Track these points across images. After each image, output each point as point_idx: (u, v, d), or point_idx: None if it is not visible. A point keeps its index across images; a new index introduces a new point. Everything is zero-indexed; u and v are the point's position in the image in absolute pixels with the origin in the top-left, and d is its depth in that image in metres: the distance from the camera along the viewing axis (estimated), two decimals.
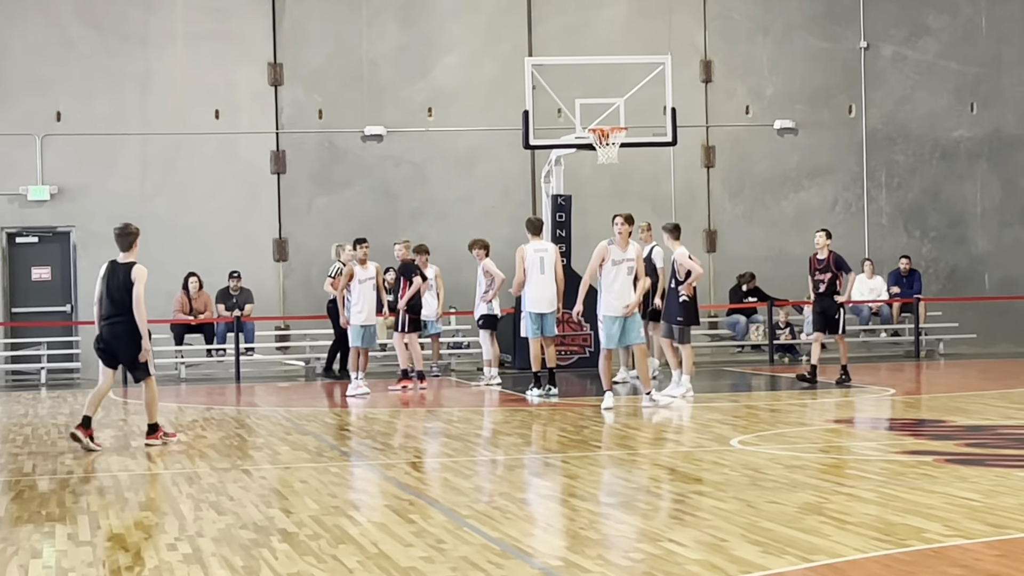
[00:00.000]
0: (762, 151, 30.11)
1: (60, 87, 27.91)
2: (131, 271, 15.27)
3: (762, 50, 30.11)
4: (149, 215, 28.03)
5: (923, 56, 30.61)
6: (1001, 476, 11.48)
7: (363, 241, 21.99)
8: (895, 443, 14.54)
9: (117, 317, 15.34)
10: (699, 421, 17.14)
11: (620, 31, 29.39)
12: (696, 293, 20.09)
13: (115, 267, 15.43)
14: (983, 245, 30.84)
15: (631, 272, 18.29)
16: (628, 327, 18.24)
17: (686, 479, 11.97)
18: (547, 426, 16.87)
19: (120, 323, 15.32)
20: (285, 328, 28.61)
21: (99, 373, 15.71)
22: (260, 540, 9.51)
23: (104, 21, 28.10)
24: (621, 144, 24.47)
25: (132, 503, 11.28)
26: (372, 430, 17.08)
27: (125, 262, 15.41)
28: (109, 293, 15.36)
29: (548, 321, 20.12)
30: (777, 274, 29.00)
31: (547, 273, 20.07)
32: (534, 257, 20.13)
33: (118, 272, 15.36)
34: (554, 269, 20.07)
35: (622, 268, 18.18)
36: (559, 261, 20.37)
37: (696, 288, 20.08)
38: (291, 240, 28.60)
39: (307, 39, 28.75)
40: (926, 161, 30.67)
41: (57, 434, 17.06)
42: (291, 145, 28.72)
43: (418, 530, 9.72)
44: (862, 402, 19.53)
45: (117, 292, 15.31)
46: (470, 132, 28.98)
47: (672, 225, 20.50)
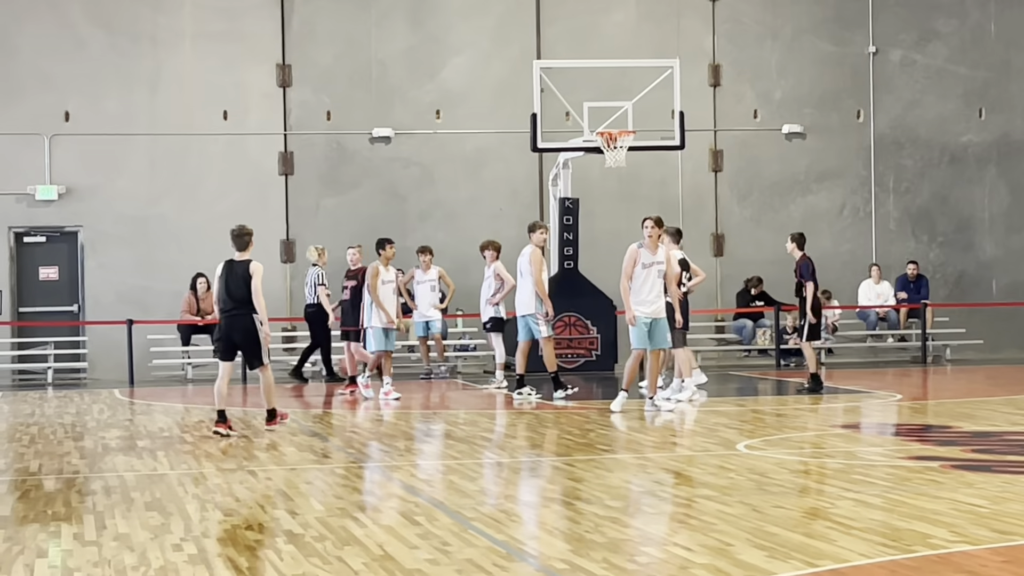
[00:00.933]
0: (770, 155, 30.11)
1: (69, 87, 27.95)
2: (249, 267, 16.51)
3: (771, 54, 30.11)
4: (157, 215, 28.12)
5: (932, 61, 30.59)
6: (1007, 482, 11.47)
7: (390, 242, 21.57)
8: (901, 448, 14.53)
9: (236, 310, 16.55)
10: (705, 425, 17.13)
11: (629, 34, 29.39)
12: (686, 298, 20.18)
13: (232, 265, 16.67)
14: (991, 251, 30.82)
15: (661, 275, 18.20)
16: (654, 330, 18.16)
17: (692, 483, 11.96)
18: (553, 429, 16.86)
19: (239, 315, 16.52)
20: (291, 329, 28.61)
21: (218, 368, 16.78)
22: (266, 541, 9.52)
23: (113, 21, 28.13)
24: (629, 148, 24.50)
25: (138, 503, 11.28)
26: (378, 432, 17.08)
27: (241, 259, 16.63)
28: (228, 289, 16.57)
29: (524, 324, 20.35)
30: (784, 278, 28.85)
31: (524, 276, 20.35)
32: (519, 261, 20.60)
33: (236, 269, 16.59)
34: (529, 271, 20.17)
35: (652, 271, 18.06)
36: (536, 263, 20.23)
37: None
38: (299, 241, 28.61)
39: (316, 40, 28.77)
40: (934, 166, 30.64)
41: (63, 434, 17.07)
42: (299, 146, 28.74)
43: (424, 532, 9.72)
44: (868, 407, 19.52)
45: (236, 287, 16.53)
46: (478, 134, 29.00)
47: (675, 229, 20.54)
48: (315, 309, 25.04)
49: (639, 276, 18.05)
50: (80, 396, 23.46)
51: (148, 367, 27.00)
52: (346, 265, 23.00)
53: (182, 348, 27.42)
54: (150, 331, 27.33)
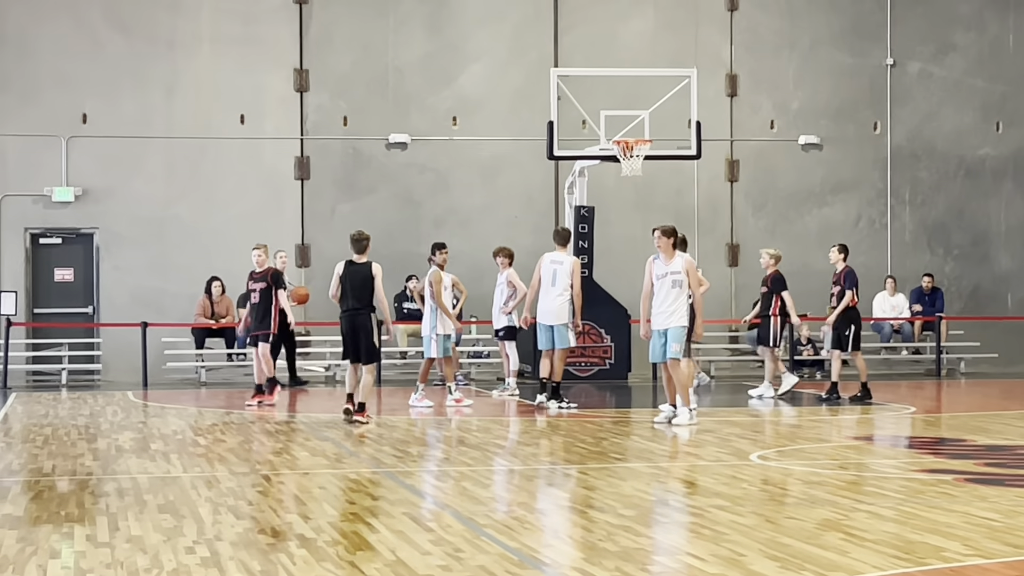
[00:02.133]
0: (786, 166, 30.09)
1: (86, 89, 28.01)
2: (371, 268, 18.07)
3: (788, 65, 30.10)
4: (173, 218, 28.17)
5: (949, 73, 30.57)
6: (1021, 496, 11.44)
7: (443, 246, 21.51)
8: (915, 461, 14.50)
9: (358, 310, 18.14)
10: (719, 435, 17.10)
11: (646, 43, 29.40)
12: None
13: (352, 266, 18.22)
14: (1006, 264, 30.77)
15: (676, 285, 17.73)
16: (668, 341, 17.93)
17: (705, 493, 11.94)
18: (566, 437, 16.85)
19: (361, 314, 18.14)
20: (306, 334, 28.63)
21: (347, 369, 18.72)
22: (278, 545, 9.52)
23: (131, 24, 28.20)
24: (645, 156, 24.50)
25: (151, 505, 11.29)
26: (391, 438, 17.08)
27: (361, 262, 18.18)
28: (350, 289, 18.15)
29: (554, 333, 20.04)
30: (799, 290, 28.81)
31: (557, 285, 19.96)
32: (548, 268, 20.06)
33: (357, 271, 18.15)
34: (568, 283, 19.95)
35: (665, 282, 17.64)
36: (578, 274, 20.17)
37: None
38: (314, 246, 28.65)
39: (333, 45, 28.81)
40: (951, 179, 30.61)
41: (77, 435, 17.09)
42: (315, 151, 28.78)
43: (436, 538, 9.72)
44: (882, 419, 19.48)
45: (357, 288, 18.12)
46: (494, 141, 29.01)
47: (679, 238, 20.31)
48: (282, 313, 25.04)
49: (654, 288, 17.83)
50: (94, 398, 23.48)
51: (162, 369, 27.04)
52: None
53: (196, 351, 27.46)
54: (164, 333, 27.37)
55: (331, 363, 27.88)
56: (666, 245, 17.79)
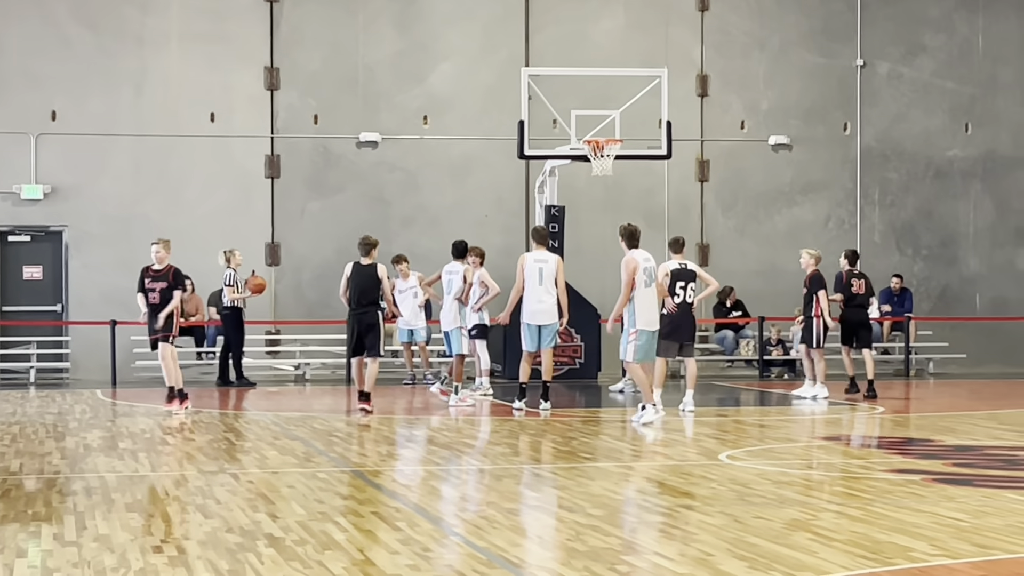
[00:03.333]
0: (756, 166, 30.15)
1: (55, 86, 27.90)
2: (377, 269, 19.57)
3: (758, 65, 30.15)
4: (141, 216, 28.06)
5: (919, 75, 30.66)
6: (988, 497, 11.49)
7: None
8: (883, 461, 14.54)
9: (365, 308, 19.52)
10: (688, 435, 17.13)
11: (617, 43, 29.41)
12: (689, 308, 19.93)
13: (359, 267, 19.62)
14: (975, 265, 30.88)
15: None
16: None
17: (674, 493, 11.96)
18: (536, 437, 16.85)
19: (369, 312, 19.52)
20: (276, 332, 28.59)
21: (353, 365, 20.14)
22: (246, 544, 9.49)
23: (100, 21, 28.09)
24: (616, 156, 24.50)
25: (119, 504, 11.25)
26: (360, 437, 17.06)
27: (367, 263, 19.58)
28: (359, 289, 19.48)
29: (545, 333, 19.98)
30: (768, 290, 29.03)
31: (544, 284, 19.89)
32: (533, 267, 19.94)
33: (365, 272, 19.56)
34: (554, 281, 19.90)
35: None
36: (562, 272, 20.14)
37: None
38: (283, 244, 28.59)
39: (303, 44, 28.76)
40: (919, 180, 30.71)
41: (45, 433, 17.03)
42: (285, 149, 28.72)
43: (404, 538, 9.71)
44: (851, 419, 19.54)
45: (364, 288, 19.51)
46: (465, 140, 29.00)
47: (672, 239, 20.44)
48: (229, 311, 25.14)
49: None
50: (62, 396, 23.41)
51: (131, 368, 26.94)
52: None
53: None
54: (133, 332, 27.21)
55: (300, 362, 27.85)
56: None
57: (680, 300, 19.56)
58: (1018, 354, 29.66)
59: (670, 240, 20.50)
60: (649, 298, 18.06)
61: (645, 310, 18.01)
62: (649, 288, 18.07)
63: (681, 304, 19.57)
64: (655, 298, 18.30)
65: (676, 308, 19.57)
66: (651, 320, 18.11)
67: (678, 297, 19.57)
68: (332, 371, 28.03)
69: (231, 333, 25.35)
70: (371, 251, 19.71)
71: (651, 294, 18.12)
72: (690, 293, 19.60)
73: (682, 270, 19.65)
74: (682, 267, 19.68)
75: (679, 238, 20.34)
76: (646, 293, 18.01)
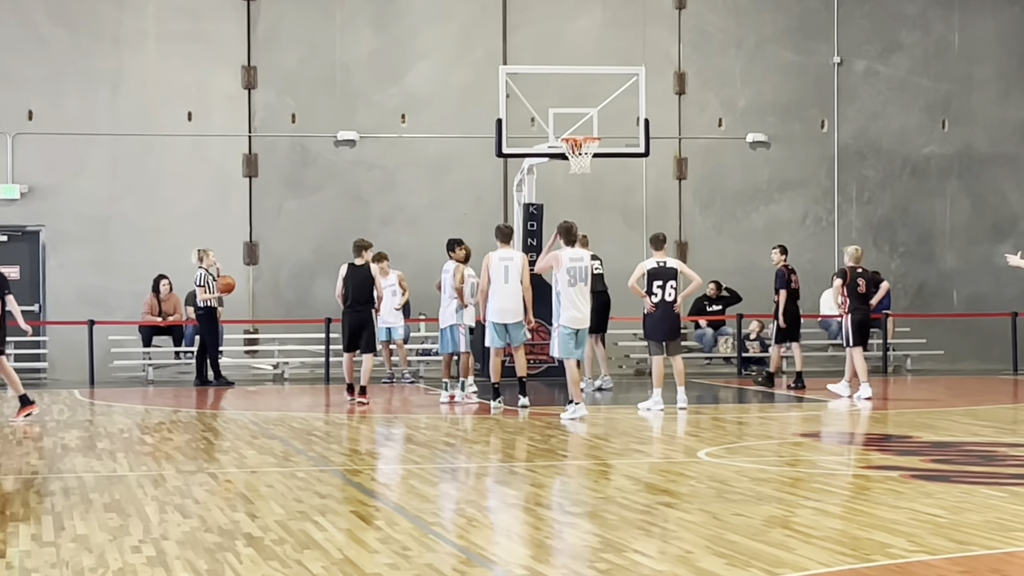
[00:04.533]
0: (734, 163, 30.19)
1: (32, 86, 27.83)
2: (370, 269, 20.93)
3: (735, 63, 30.19)
4: (119, 215, 28.02)
5: (895, 72, 30.73)
6: (966, 493, 11.52)
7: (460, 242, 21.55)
8: (861, 458, 14.58)
9: (361, 306, 20.85)
10: (667, 432, 17.16)
11: (595, 41, 29.43)
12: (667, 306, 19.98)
13: (354, 268, 20.85)
14: (951, 262, 30.96)
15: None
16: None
17: (652, 490, 11.97)
18: (514, 435, 16.86)
19: (364, 311, 20.91)
20: (254, 332, 28.56)
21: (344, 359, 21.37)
22: (225, 544, 9.48)
23: (76, 20, 28.02)
24: (594, 154, 24.51)
25: (97, 504, 11.23)
26: (339, 436, 17.05)
27: (361, 264, 20.82)
28: (355, 289, 20.73)
29: (513, 331, 19.96)
30: (746, 287, 29.05)
31: (511, 282, 19.87)
32: (499, 265, 19.91)
33: (358, 272, 20.80)
34: (519, 278, 19.89)
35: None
36: (527, 270, 20.16)
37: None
38: (261, 243, 28.56)
39: (281, 43, 28.72)
40: (896, 177, 30.78)
41: (23, 433, 16.98)
42: (263, 148, 28.68)
43: (383, 536, 9.71)
44: (829, 416, 19.58)
45: (360, 288, 20.76)
46: (443, 139, 28.99)
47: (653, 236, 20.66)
48: (203, 311, 25.08)
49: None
50: (40, 396, 23.31)
51: (109, 368, 26.90)
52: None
53: (143, 349, 27.34)
54: (111, 332, 27.24)
55: (279, 361, 27.82)
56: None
57: (659, 299, 19.60)
58: (995, 350, 29.73)
59: (650, 236, 20.60)
60: (573, 296, 18.48)
61: (568, 307, 18.45)
62: (575, 287, 18.49)
63: (660, 303, 19.60)
64: (582, 297, 18.61)
65: (655, 307, 19.62)
66: (574, 318, 18.49)
67: (656, 296, 19.60)
68: (311, 370, 27.99)
69: (205, 333, 25.31)
70: (363, 252, 20.90)
71: (577, 293, 18.51)
72: (669, 292, 19.61)
73: (660, 269, 19.66)
74: (660, 265, 19.68)
75: (659, 234, 20.41)
76: (569, 292, 18.48)
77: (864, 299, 22.10)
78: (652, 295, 19.61)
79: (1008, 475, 12.93)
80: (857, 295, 21.95)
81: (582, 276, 18.56)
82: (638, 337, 26.88)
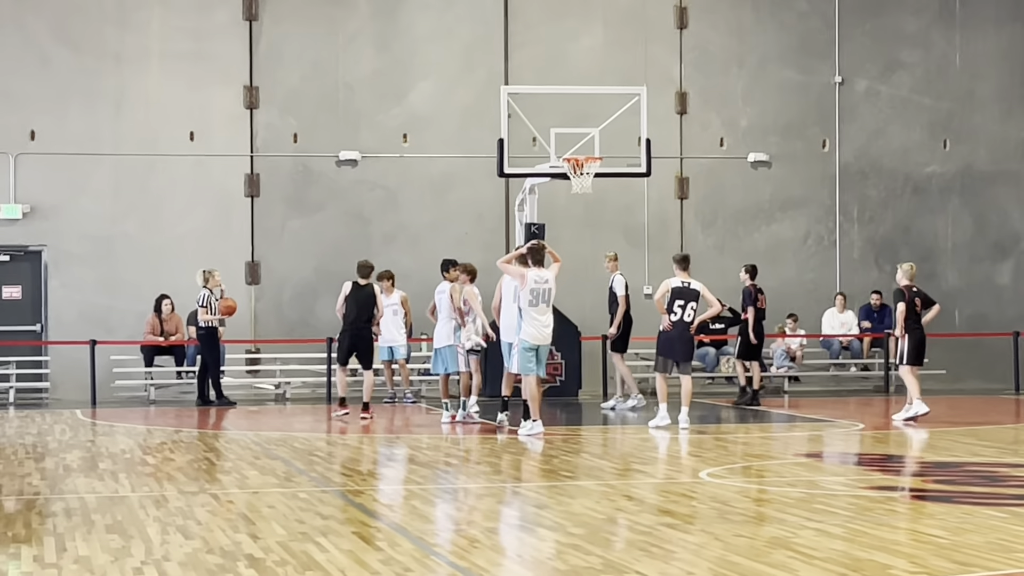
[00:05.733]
0: (735, 183, 30.20)
1: (34, 105, 27.85)
2: (373, 289, 22.06)
3: (737, 82, 30.22)
4: (121, 235, 28.03)
5: (897, 91, 30.76)
6: (968, 513, 11.52)
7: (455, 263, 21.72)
8: (863, 478, 14.58)
9: (363, 324, 21.81)
10: (668, 453, 17.16)
11: (596, 61, 29.46)
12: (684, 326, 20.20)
13: (357, 287, 21.81)
14: (953, 281, 30.95)
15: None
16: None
17: (654, 511, 11.97)
18: (517, 456, 16.86)
19: (365, 328, 21.92)
20: (256, 351, 28.55)
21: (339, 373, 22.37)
22: (227, 565, 9.49)
23: (79, 40, 28.06)
24: (595, 174, 24.51)
25: (99, 525, 11.23)
26: (341, 456, 17.05)
27: (364, 283, 21.89)
28: (358, 307, 21.70)
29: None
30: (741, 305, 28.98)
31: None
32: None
33: (361, 291, 21.80)
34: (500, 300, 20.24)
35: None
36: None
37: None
38: (263, 263, 28.57)
39: (283, 62, 28.76)
40: (898, 196, 30.78)
41: (24, 454, 16.98)
42: (265, 168, 28.70)
43: (385, 558, 9.71)
44: (831, 436, 19.57)
45: (362, 306, 21.76)
46: (445, 158, 29.01)
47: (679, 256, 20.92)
48: (204, 331, 25.10)
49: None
50: (42, 416, 23.34)
51: (111, 388, 26.91)
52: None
53: (145, 369, 27.33)
54: (113, 351, 27.24)
55: (281, 381, 27.82)
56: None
57: (678, 318, 19.84)
58: (997, 370, 29.71)
59: (677, 257, 20.87)
60: (534, 315, 18.84)
61: (528, 325, 18.85)
62: (536, 307, 18.84)
63: (678, 323, 19.86)
64: (543, 316, 18.94)
65: (672, 326, 19.82)
66: (535, 336, 18.87)
67: (675, 315, 19.83)
68: (312, 390, 27.99)
69: (206, 353, 25.31)
70: (368, 273, 22.08)
71: (538, 312, 18.86)
72: (689, 312, 19.84)
73: (684, 289, 19.94)
74: (684, 285, 19.97)
75: (685, 255, 20.90)
76: (530, 311, 18.86)
77: (919, 318, 21.64)
78: (672, 313, 19.82)
79: (1010, 496, 12.91)
80: (915, 314, 21.47)
81: (544, 297, 18.95)
82: (639, 356, 26.92)
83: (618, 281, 23.39)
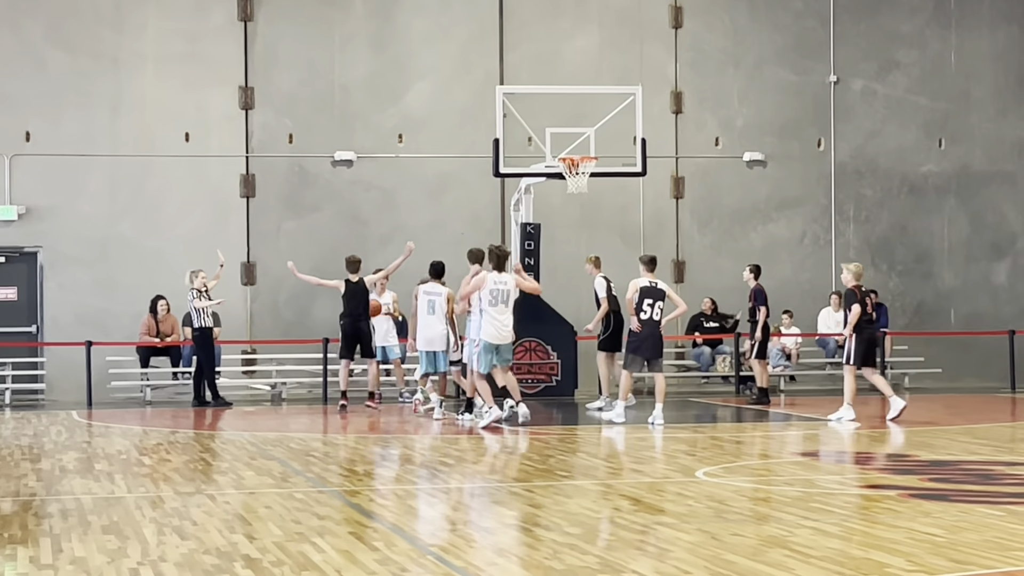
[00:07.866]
0: (731, 183, 30.20)
1: (30, 107, 27.85)
2: (365, 283, 23.40)
3: (732, 82, 30.22)
4: (117, 237, 28.02)
5: (892, 91, 30.77)
6: (964, 512, 11.52)
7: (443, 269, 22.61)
8: (859, 477, 14.58)
9: (359, 317, 23.26)
10: (664, 452, 17.15)
11: (591, 61, 29.47)
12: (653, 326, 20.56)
13: (351, 283, 23.30)
14: (950, 280, 30.97)
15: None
16: None
17: (650, 510, 11.97)
18: (512, 455, 16.85)
19: (363, 320, 23.37)
20: (252, 352, 28.54)
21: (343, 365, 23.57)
22: (223, 566, 9.48)
23: (75, 41, 28.05)
24: (591, 174, 24.55)
25: (95, 526, 11.22)
26: (337, 456, 17.05)
27: (356, 279, 23.31)
28: (354, 301, 23.17)
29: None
30: (743, 305, 29.01)
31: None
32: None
33: (358, 287, 23.29)
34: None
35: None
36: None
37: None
38: (259, 264, 28.56)
39: (279, 63, 28.75)
40: (894, 195, 30.80)
41: (20, 455, 16.97)
42: (261, 169, 28.69)
43: (382, 558, 9.70)
44: (827, 435, 19.57)
45: (359, 300, 23.21)
46: (440, 159, 29.00)
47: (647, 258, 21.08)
48: (199, 332, 25.09)
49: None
50: (38, 417, 23.33)
51: (107, 389, 26.90)
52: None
53: (141, 370, 27.32)
54: (109, 352, 27.23)
55: (277, 381, 27.80)
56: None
57: (647, 317, 20.32)
58: (993, 368, 29.72)
59: (644, 258, 20.97)
60: (494, 315, 19.80)
61: (489, 325, 19.84)
62: (495, 307, 19.81)
63: (647, 321, 20.30)
64: (502, 316, 19.88)
65: (642, 326, 20.19)
66: (494, 335, 19.84)
67: (645, 314, 20.29)
68: (308, 390, 27.99)
69: (202, 353, 25.29)
70: (357, 268, 23.42)
71: (497, 312, 19.82)
72: (658, 311, 20.26)
73: (652, 288, 20.40)
74: (652, 285, 20.44)
75: (652, 256, 21.18)
76: (491, 311, 19.83)
77: (871, 319, 21.30)
78: (642, 312, 20.15)
79: (1006, 494, 12.92)
80: (866, 314, 21.11)
81: (503, 298, 19.88)
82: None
83: (599, 283, 23.50)
